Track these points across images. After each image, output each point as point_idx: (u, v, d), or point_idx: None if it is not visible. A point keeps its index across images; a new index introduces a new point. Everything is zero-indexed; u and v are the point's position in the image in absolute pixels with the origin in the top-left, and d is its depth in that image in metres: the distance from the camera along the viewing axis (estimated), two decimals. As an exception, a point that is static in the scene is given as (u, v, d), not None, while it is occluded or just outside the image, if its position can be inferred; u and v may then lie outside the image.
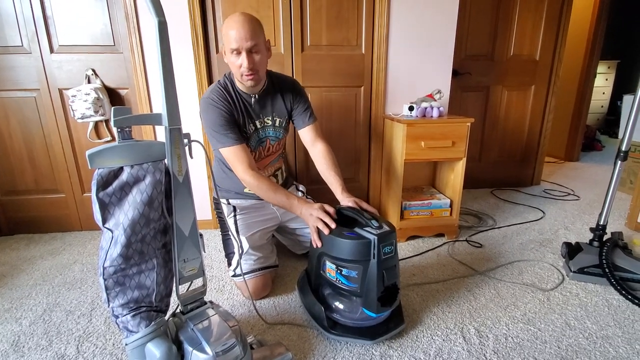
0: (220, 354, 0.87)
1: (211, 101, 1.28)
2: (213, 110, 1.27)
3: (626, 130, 1.37)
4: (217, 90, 1.31)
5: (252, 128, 1.38)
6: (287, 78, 1.47)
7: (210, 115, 1.27)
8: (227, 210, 1.45)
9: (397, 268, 1.07)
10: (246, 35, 1.18)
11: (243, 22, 1.18)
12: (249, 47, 1.20)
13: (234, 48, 1.20)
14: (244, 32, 1.18)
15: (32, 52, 1.74)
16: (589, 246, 1.50)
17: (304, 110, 1.45)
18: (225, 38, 1.22)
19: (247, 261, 1.33)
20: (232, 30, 1.18)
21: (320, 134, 1.46)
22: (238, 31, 1.17)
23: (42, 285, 1.46)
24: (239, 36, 1.18)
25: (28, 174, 1.91)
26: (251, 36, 1.19)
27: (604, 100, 4.75)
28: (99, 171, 0.82)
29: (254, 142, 1.40)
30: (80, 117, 1.74)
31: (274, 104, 1.42)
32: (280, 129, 1.46)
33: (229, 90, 1.33)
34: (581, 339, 1.11)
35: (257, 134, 1.40)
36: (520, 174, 2.76)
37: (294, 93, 1.44)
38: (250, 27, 1.19)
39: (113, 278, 0.88)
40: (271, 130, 1.43)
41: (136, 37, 1.69)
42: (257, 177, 1.24)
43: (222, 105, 1.28)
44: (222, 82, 1.34)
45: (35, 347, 1.11)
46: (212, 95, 1.29)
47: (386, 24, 1.85)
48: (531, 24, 2.45)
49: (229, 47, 1.21)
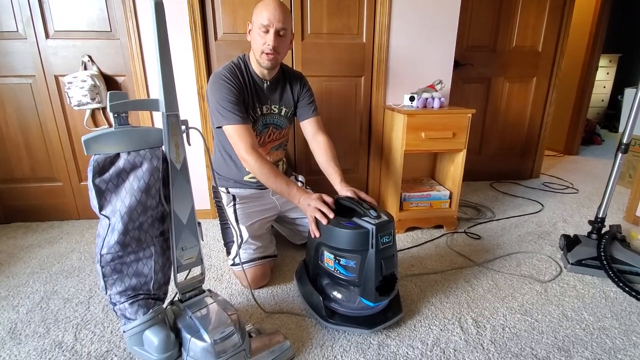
0: (218, 341, 0.87)
1: (222, 77, 1.27)
2: (223, 86, 1.25)
3: (628, 123, 1.36)
4: (231, 68, 1.30)
5: (258, 112, 1.37)
6: (296, 71, 1.50)
7: (220, 90, 1.25)
8: (226, 199, 1.44)
9: (395, 257, 1.06)
10: (280, 17, 1.22)
11: (280, 5, 1.23)
12: (279, 28, 1.22)
13: (265, 24, 1.21)
14: (279, 14, 1.21)
15: (28, 37, 1.71)
16: (587, 239, 1.50)
17: (308, 103, 1.47)
18: (257, 15, 1.23)
19: (247, 250, 1.33)
20: (267, 8, 1.21)
21: (322, 128, 1.47)
22: (274, 10, 1.21)
23: (39, 273, 1.46)
24: (272, 15, 1.21)
25: (24, 162, 1.89)
26: (284, 19, 1.23)
27: (604, 94, 4.73)
28: (95, 157, 0.81)
29: (259, 126, 1.40)
30: (76, 105, 1.72)
31: (282, 93, 1.43)
32: (284, 119, 1.46)
33: (242, 71, 1.33)
34: (578, 330, 1.12)
35: (263, 119, 1.40)
36: (519, 167, 2.75)
37: (301, 85, 1.46)
38: (284, 12, 1.23)
39: (110, 265, 0.87)
40: (276, 117, 1.43)
41: (133, 22, 1.66)
42: (259, 158, 1.22)
43: (233, 82, 1.27)
44: (236, 62, 1.34)
45: (33, 334, 1.11)
46: (224, 72, 1.28)
47: (388, 13, 1.82)
48: (534, 15, 2.42)
49: (259, 23, 1.22)
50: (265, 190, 1.49)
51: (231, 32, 1.78)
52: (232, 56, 1.81)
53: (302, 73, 1.51)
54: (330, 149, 1.40)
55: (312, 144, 1.46)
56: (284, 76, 1.43)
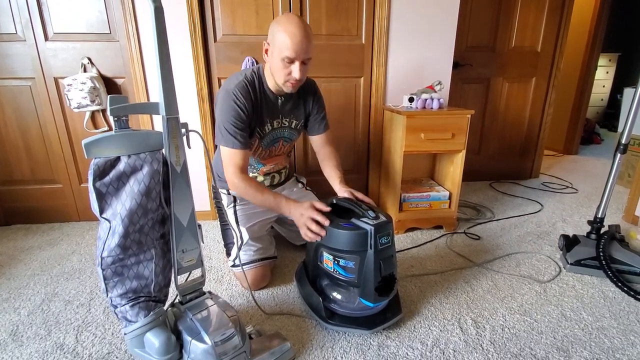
0: (219, 343, 0.88)
1: (233, 96, 1.20)
2: (231, 108, 1.20)
3: (627, 123, 1.36)
4: (243, 85, 1.22)
5: (269, 127, 1.33)
6: (312, 82, 1.43)
7: (227, 110, 1.20)
8: (226, 201, 1.44)
9: (394, 258, 1.07)
10: (306, 47, 1.14)
11: (305, 32, 1.13)
12: (305, 59, 1.16)
13: (291, 57, 1.14)
14: (305, 44, 1.13)
15: (27, 39, 1.71)
16: (586, 239, 1.51)
17: (320, 118, 1.43)
18: (279, 43, 1.13)
19: (247, 252, 1.33)
20: (293, 39, 1.11)
21: (331, 141, 1.47)
22: (300, 42, 1.12)
23: (40, 276, 1.46)
24: (299, 47, 1.12)
25: (24, 164, 1.89)
26: (310, 48, 1.16)
27: (604, 94, 4.73)
28: (96, 161, 0.81)
29: (267, 140, 1.36)
30: (76, 107, 1.72)
31: (295, 106, 1.38)
32: (294, 132, 1.43)
33: (255, 87, 1.26)
34: (577, 330, 1.12)
35: (273, 134, 1.36)
36: (519, 167, 2.76)
37: (314, 99, 1.41)
38: (310, 39, 1.15)
39: (111, 268, 0.88)
40: (286, 131, 1.40)
41: (132, 24, 1.66)
42: (244, 179, 1.22)
43: (243, 103, 1.21)
44: (250, 78, 1.25)
45: (34, 336, 1.11)
46: (235, 90, 1.20)
47: (387, 14, 1.82)
48: (533, 15, 2.42)
49: (281, 53, 1.14)
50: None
51: (230, 34, 1.78)
52: (232, 58, 1.84)
53: (314, 82, 1.44)
54: (335, 159, 1.42)
55: (319, 154, 1.47)
56: (298, 92, 1.37)
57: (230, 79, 1.26)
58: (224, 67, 1.82)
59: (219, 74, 1.83)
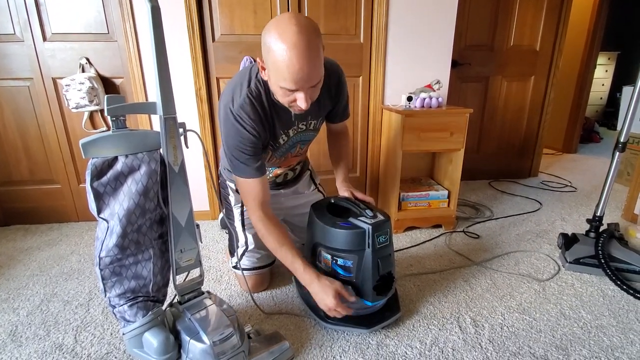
0: (217, 343, 0.88)
1: (238, 118, 0.99)
2: (237, 132, 1.00)
3: (625, 122, 1.36)
4: (248, 102, 0.99)
5: (284, 139, 1.14)
6: (332, 70, 1.12)
7: (234, 136, 1.00)
8: (234, 199, 1.35)
9: (392, 257, 1.07)
10: (310, 74, 0.87)
11: (306, 54, 0.84)
12: (311, 86, 0.91)
13: (291, 89, 0.89)
14: (308, 71, 0.86)
15: (25, 40, 1.71)
16: (585, 237, 1.51)
17: (342, 109, 1.26)
18: (272, 66, 0.88)
19: (250, 259, 1.31)
20: (288, 67, 0.84)
21: (346, 128, 1.38)
22: (300, 70, 0.85)
23: (39, 276, 1.46)
24: (300, 77, 0.86)
25: (23, 164, 1.89)
26: (317, 73, 0.89)
27: (603, 92, 4.73)
28: (93, 161, 0.81)
29: (282, 150, 1.18)
30: (74, 107, 1.72)
31: (314, 106, 1.10)
32: (314, 132, 1.24)
33: (262, 102, 1.02)
34: (576, 329, 1.12)
35: (289, 143, 1.17)
36: (518, 166, 2.76)
37: (337, 91, 1.17)
38: (315, 61, 0.86)
39: (109, 268, 0.88)
40: (304, 134, 1.20)
41: (130, 24, 1.66)
42: (266, 222, 1.07)
43: (250, 125, 1.00)
44: (254, 90, 1.01)
45: (33, 336, 1.11)
46: (239, 111, 0.99)
47: (385, 13, 1.82)
48: (532, 14, 2.42)
49: (278, 82, 0.89)
50: (277, 191, 1.38)
51: (229, 34, 1.78)
52: (230, 58, 1.84)
53: (339, 69, 1.16)
54: (346, 155, 1.35)
55: (332, 139, 1.37)
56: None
57: (229, 91, 1.03)
58: (222, 67, 1.82)
59: (217, 74, 1.83)
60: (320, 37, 0.89)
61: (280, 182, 1.36)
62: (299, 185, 1.43)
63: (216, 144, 1.93)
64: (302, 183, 1.45)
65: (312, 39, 0.85)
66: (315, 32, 0.87)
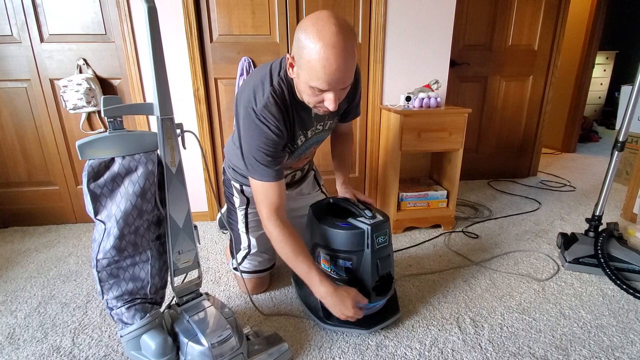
0: (215, 345, 0.87)
1: (262, 118, 0.96)
2: (260, 132, 0.97)
3: (624, 121, 1.36)
4: (272, 102, 0.96)
5: (302, 140, 1.12)
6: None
7: (256, 137, 0.97)
8: (238, 201, 1.31)
9: (391, 257, 1.07)
10: (345, 75, 0.86)
11: (344, 54, 0.82)
12: (344, 87, 0.90)
13: (323, 89, 0.88)
14: (343, 72, 0.84)
15: (22, 41, 1.70)
16: (584, 237, 1.51)
17: (354, 107, 1.22)
18: (305, 65, 0.85)
19: (251, 262, 1.29)
20: (324, 67, 0.82)
21: (351, 127, 1.36)
22: (336, 70, 0.83)
23: (37, 278, 1.45)
24: (334, 77, 0.84)
25: (21, 166, 1.88)
26: (350, 75, 0.88)
27: (601, 92, 4.74)
28: (90, 162, 0.81)
29: (298, 152, 1.16)
30: (72, 108, 1.71)
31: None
32: (328, 132, 1.22)
33: (287, 101, 0.99)
34: (575, 328, 1.12)
35: (306, 144, 1.15)
36: (517, 165, 2.76)
37: (354, 89, 1.15)
38: (351, 62, 0.85)
39: (107, 270, 0.87)
40: (321, 134, 1.19)
41: (128, 25, 1.66)
42: (282, 230, 1.02)
43: (275, 125, 0.97)
44: (278, 89, 0.98)
45: (31, 339, 1.11)
46: (263, 111, 0.95)
47: (383, 13, 1.82)
48: (530, 13, 2.42)
49: (310, 80, 0.87)
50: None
51: (227, 34, 1.78)
52: (229, 58, 1.83)
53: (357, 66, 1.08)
54: (348, 155, 1.34)
55: (335, 138, 1.35)
56: None
57: (249, 90, 0.99)
58: (220, 67, 1.81)
59: (215, 75, 1.82)
60: (356, 39, 0.87)
61: (288, 182, 1.34)
62: (303, 186, 1.41)
63: (214, 144, 1.92)
64: (306, 184, 1.43)
65: (350, 41, 0.84)
66: (352, 34, 0.85)
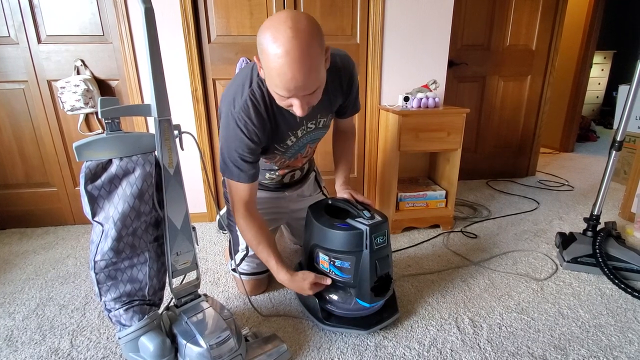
0: (214, 346, 0.87)
1: (239, 123, 0.96)
2: (236, 136, 0.97)
3: (621, 121, 1.36)
4: (250, 105, 0.95)
5: (293, 140, 1.11)
6: (343, 64, 1.07)
7: (232, 139, 0.98)
8: None
9: (389, 258, 1.06)
10: (305, 83, 0.81)
11: (301, 62, 0.78)
12: (306, 94, 0.86)
13: (285, 96, 0.85)
14: (301, 81, 0.80)
15: (20, 42, 1.70)
16: (582, 236, 1.51)
17: (353, 102, 1.19)
18: (265, 67, 0.83)
19: (250, 264, 1.29)
20: (279, 75, 0.79)
21: (353, 123, 1.34)
22: (292, 79, 0.79)
23: (35, 280, 1.45)
24: (293, 84, 0.81)
25: (18, 167, 1.88)
26: (312, 80, 0.83)
27: (599, 91, 4.75)
28: (87, 164, 0.80)
29: (292, 152, 1.15)
30: (69, 110, 1.71)
31: (323, 103, 1.06)
32: (324, 129, 1.19)
33: (266, 103, 0.98)
34: (574, 328, 1.12)
35: (299, 143, 1.14)
36: (515, 165, 2.76)
37: (349, 85, 1.11)
38: (310, 71, 0.80)
39: (104, 272, 0.87)
40: (314, 133, 1.16)
41: (125, 26, 1.65)
42: (248, 219, 1.09)
43: (251, 131, 0.97)
44: (257, 91, 0.97)
45: (29, 341, 1.10)
46: (240, 114, 0.95)
47: (381, 13, 1.82)
48: (527, 13, 2.42)
49: (270, 83, 0.85)
50: (281, 194, 1.37)
51: (225, 35, 1.77)
52: (227, 59, 1.83)
53: (350, 62, 1.09)
54: (349, 154, 1.32)
55: (337, 135, 1.34)
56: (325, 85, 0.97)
57: (231, 92, 0.99)
58: (218, 68, 1.81)
59: (213, 75, 1.82)
60: (319, 39, 0.81)
61: (288, 182, 1.34)
62: (304, 187, 1.41)
63: (213, 145, 1.92)
64: (307, 185, 1.42)
65: (309, 44, 0.78)
66: (313, 36, 0.79)
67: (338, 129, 1.34)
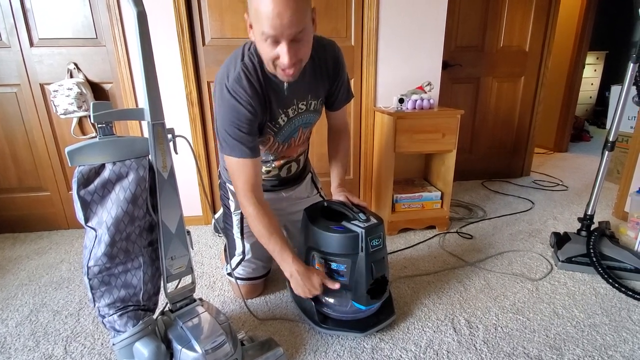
0: (209, 351, 0.86)
1: (233, 93, 0.96)
2: (233, 107, 0.97)
3: (613, 121, 1.38)
4: (243, 76, 0.97)
5: (284, 119, 1.09)
6: (328, 48, 1.10)
7: (228, 111, 0.98)
8: (234, 205, 1.30)
9: (385, 260, 1.07)
10: (291, 19, 0.81)
11: None
12: (293, 35, 0.85)
13: (270, 35, 0.84)
14: (288, 15, 0.81)
15: (12, 46, 1.68)
16: (576, 236, 1.52)
17: (343, 90, 1.19)
18: (253, 12, 0.84)
19: (245, 269, 1.28)
20: (266, 9, 0.81)
21: (346, 119, 1.32)
22: (279, 13, 0.80)
23: (28, 286, 1.43)
24: (279, 21, 0.81)
25: (11, 172, 1.86)
26: (298, 19, 0.83)
27: (592, 91, 4.79)
28: (80, 168, 0.80)
29: (284, 134, 1.13)
30: (62, 113, 1.69)
31: (311, 84, 1.09)
32: (315, 114, 1.18)
33: (258, 75, 0.99)
34: (569, 327, 1.13)
35: (290, 124, 1.12)
36: (510, 165, 2.78)
37: (335, 69, 1.13)
38: (297, 6, 0.81)
39: (98, 277, 0.86)
40: (305, 116, 1.15)
41: (119, 28, 1.64)
42: (258, 207, 1.04)
43: (246, 101, 0.97)
44: (249, 64, 0.98)
45: (22, 348, 1.09)
46: (234, 85, 0.96)
47: (375, 15, 1.82)
48: (520, 14, 2.44)
49: (259, 28, 0.85)
50: (278, 194, 1.34)
51: (219, 37, 1.77)
52: (221, 62, 1.80)
53: (336, 47, 1.12)
54: (344, 156, 1.31)
55: (332, 133, 1.32)
56: (313, 62, 1.06)
57: (224, 68, 1.01)
58: (213, 70, 1.81)
59: (208, 78, 1.82)
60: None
61: (285, 176, 1.30)
62: (300, 188, 1.40)
63: (207, 147, 1.91)
64: (303, 186, 1.41)
65: None
66: None
67: (332, 128, 1.33)
